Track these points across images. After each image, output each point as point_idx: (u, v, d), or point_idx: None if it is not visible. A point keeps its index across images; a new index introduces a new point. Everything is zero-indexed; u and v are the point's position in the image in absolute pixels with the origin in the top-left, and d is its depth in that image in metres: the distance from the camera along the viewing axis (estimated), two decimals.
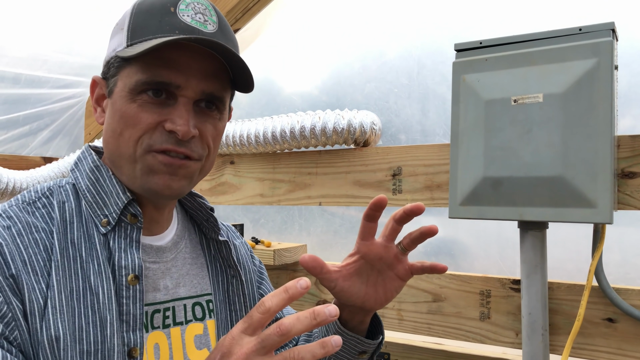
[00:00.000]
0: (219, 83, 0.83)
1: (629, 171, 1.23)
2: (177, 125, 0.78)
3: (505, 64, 1.25)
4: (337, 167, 1.64)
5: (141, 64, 0.78)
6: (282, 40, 2.04)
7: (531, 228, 1.26)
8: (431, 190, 1.48)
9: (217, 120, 0.85)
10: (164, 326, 0.86)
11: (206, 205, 0.98)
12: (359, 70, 1.84)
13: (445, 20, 1.69)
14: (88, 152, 0.88)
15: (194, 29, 0.79)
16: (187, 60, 0.79)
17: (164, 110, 0.79)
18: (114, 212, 0.81)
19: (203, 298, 0.93)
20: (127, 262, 0.79)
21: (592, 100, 1.14)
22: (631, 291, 1.25)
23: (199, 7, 0.81)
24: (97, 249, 0.79)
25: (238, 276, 0.98)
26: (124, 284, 0.79)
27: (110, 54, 0.83)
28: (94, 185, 0.84)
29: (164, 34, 0.78)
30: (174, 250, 0.91)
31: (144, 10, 0.81)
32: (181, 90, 0.79)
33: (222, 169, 1.88)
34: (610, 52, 1.14)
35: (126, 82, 0.80)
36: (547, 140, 1.18)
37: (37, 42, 1.94)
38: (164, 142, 0.79)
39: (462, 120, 1.30)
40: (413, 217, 0.84)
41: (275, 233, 2.03)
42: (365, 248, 0.88)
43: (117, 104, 0.81)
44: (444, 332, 1.48)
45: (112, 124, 0.82)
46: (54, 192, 0.83)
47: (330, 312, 0.65)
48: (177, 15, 0.79)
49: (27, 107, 1.99)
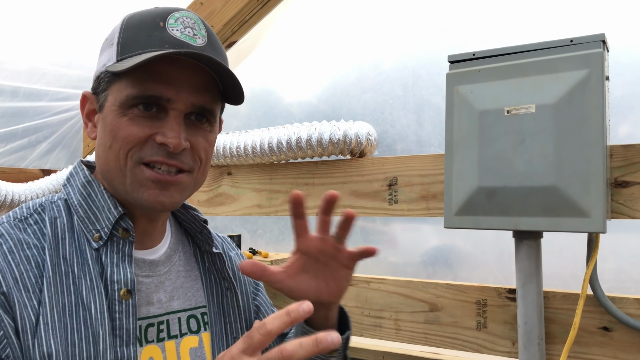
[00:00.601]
0: (209, 96, 0.83)
1: (622, 180, 1.24)
2: (169, 138, 0.79)
3: (498, 75, 1.27)
4: (333, 177, 1.65)
5: (131, 79, 0.78)
6: (279, 51, 2.06)
7: (526, 237, 1.27)
8: (427, 200, 1.49)
9: (208, 133, 0.85)
10: (158, 340, 0.86)
11: (199, 217, 0.98)
12: (355, 82, 1.86)
13: (440, 32, 1.70)
14: (80, 167, 0.88)
15: (183, 42, 0.80)
16: (177, 73, 0.79)
17: (154, 124, 0.79)
18: (105, 227, 0.82)
19: (198, 311, 0.93)
20: (119, 277, 0.79)
21: (584, 111, 1.16)
22: (626, 300, 1.26)
23: (188, 22, 0.82)
24: (89, 264, 0.79)
25: (232, 288, 0.98)
26: (117, 298, 0.79)
27: (100, 69, 0.84)
28: (85, 201, 0.84)
29: (153, 48, 0.78)
30: (168, 263, 0.91)
31: (133, 25, 0.81)
32: (172, 103, 0.79)
33: (219, 180, 1.89)
34: (600, 63, 1.16)
35: (117, 97, 0.80)
36: (540, 151, 1.19)
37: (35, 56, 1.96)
38: (154, 154, 0.79)
39: (456, 131, 1.31)
40: (332, 204, 0.82)
41: (273, 244, 2.03)
42: (302, 244, 0.86)
43: (108, 118, 0.81)
44: (441, 342, 1.48)
45: (103, 138, 0.82)
46: (45, 208, 0.83)
47: (333, 339, 0.63)
48: (166, 29, 0.80)
49: (26, 120, 2.00)
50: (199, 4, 1.99)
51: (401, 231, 1.82)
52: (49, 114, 2.04)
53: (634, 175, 1.23)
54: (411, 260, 1.76)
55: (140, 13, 0.83)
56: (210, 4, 1.97)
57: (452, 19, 1.68)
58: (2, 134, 1.95)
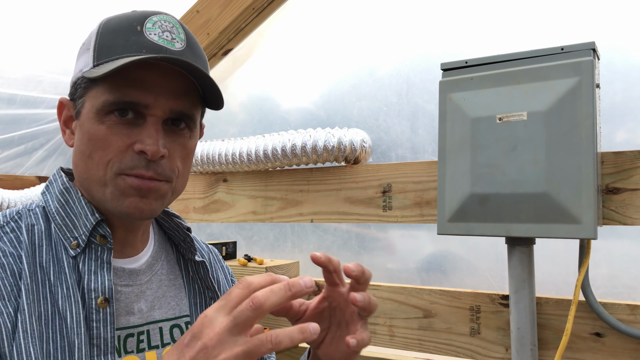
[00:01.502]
0: (188, 101, 0.81)
1: (613, 187, 1.25)
2: (147, 145, 0.77)
3: (490, 82, 1.28)
4: (328, 184, 1.66)
5: (108, 85, 0.77)
6: (275, 59, 2.07)
7: (518, 244, 1.28)
8: (420, 206, 1.49)
9: (187, 139, 0.84)
10: (138, 350, 0.84)
11: (183, 225, 0.96)
12: (350, 89, 1.87)
13: (434, 39, 1.72)
14: (59, 174, 0.87)
15: (161, 47, 0.78)
16: (155, 79, 0.78)
17: (133, 132, 0.78)
18: (82, 234, 0.80)
19: (182, 320, 0.92)
20: (96, 285, 0.78)
21: (575, 118, 1.17)
22: (618, 305, 1.26)
23: (166, 25, 0.80)
24: (65, 272, 0.78)
25: (216, 297, 0.97)
26: (94, 307, 0.77)
27: (77, 74, 0.82)
28: (63, 208, 0.82)
29: (130, 54, 0.77)
30: (149, 272, 0.90)
31: (110, 30, 0.80)
32: (150, 109, 0.78)
33: (215, 186, 1.90)
34: (591, 71, 1.17)
35: (93, 103, 0.78)
36: (532, 158, 1.20)
37: (32, 64, 1.97)
38: (134, 167, 0.78)
39: (449, 138, 1.32)
40: (329, 269, 0.79)
41: (268, 250, 2.04)
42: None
43: (85, 125, 0.79)
44: (434, 348, 1.49)
45: (81, 147, 0.80)
46: (22, 215, 0.82)
47: (305, 283, 0.62)
48: (144, 34, 0.78)
49: (22, 127, 2.01)
50: (195, 12, 2.01)
51: (397, 238, 1.83)
52: (45, 121, 2.05)
53: (625, 182, 1.24)
54: (406, 267, 1.77)
55: (117, 17, 0.81)
56: (206, 12, 1.99)
57: (445, 27, 1.70)
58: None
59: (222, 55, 2.11)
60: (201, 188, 1.93)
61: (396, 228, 1.82)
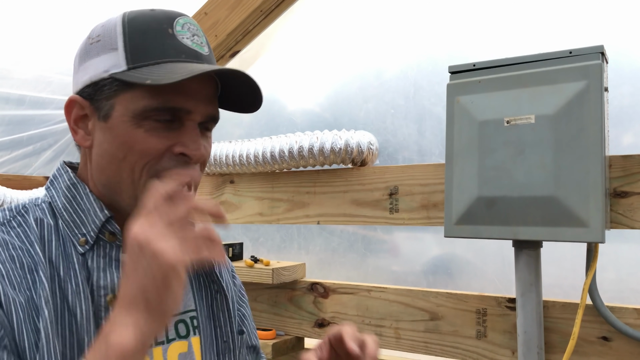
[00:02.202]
0: (216, 105, 0.84)
1: (621, 190, 1.25)
2: (191, 150, 0.78)
3: (498, 85, 1.28)
4: (335, 186, 1.66)
5: (149, 89, 0.76)
6: (282, 61, 2.08)
7: (525, 247, 1.27)
8: (427, 209, 1.49)
9: (210, 140, 0.87)
10: None
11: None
12: (357, 91, 1.88)
13: (441, 42, 1.72)
14: (64, 169, 0.85)
15: (196, 52, 0.80)
16: (196, 86, 0.79)
17: (171, 134, 0.78)
18: (91, 230, 0.80)
19: (187, 315, 0.91)
20: (105, 282, 0.78)
21: (583, 122, 1.17)
22: (625, 309, 1.26)
23: (193, 29, 0.81)
24: (75, 268, 0.77)
25: (222, 291, 0.97)
26: (103, 304, 0.77)
27: (101, 74, 0.79)
28: (70, 204, 0.82)
29: (170, 58, 0.77)
30: None
31: (139, 30, 0.78)
32: (190, 114, 0.79)
33: (221, 188, 1.91)
34: (599, 74, 1.17)
35: (129, 107, 0.77)
36: (540, 161, 1.20)
37: (41, 65, 1.98)
38: (172, 167, 0.78)
39: (456, 141, 1.32)
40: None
41: (275, 252, 2.04)
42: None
43: (120, 128, 0.78)
44: (441, 351, 1.48)
45: (111, 150, 0.79)
46: (29, 209, 0.80)
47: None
48: (176, 37, 0.79)
49: (31, 127, 2.02)
50: (203, 13, 2.02)
51: (403, 240, 1.83)
52: (53, 122, 2.06)
53: (633, 186, 1.23)
54: (412, 269, 1.77)
55: (141, 15, 0.80)
56: (214, 14, 2.00)
57: (453, 29, 1.70)
58: (8, 141, 1.97)
59: (229, 57, 2.11)
60: (208, 189, 1.93)
61: (402, 230, 1.82)
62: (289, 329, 1.75)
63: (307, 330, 1.72)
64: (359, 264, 1.85)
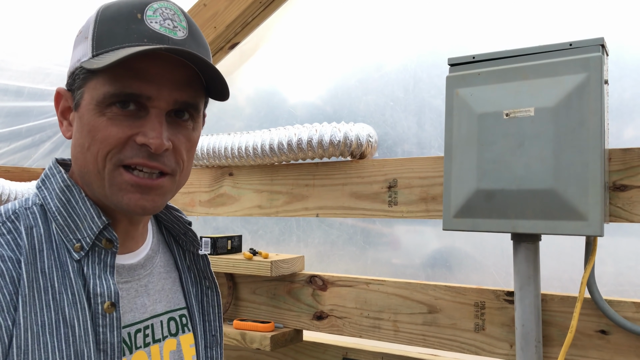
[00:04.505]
0: (192, 91, 0.78)
1: (620, 184, 1.24)
2: (150, 138, 0.74)
3: (498, 78, 1.27)
4: (334, 179, 1.66)
5: (109, 75, 0.74)
6: (282, 53, 2.07)
7: (524, 240, 1.27)
8: (426, 202, 1.49)
9: (191, 131, 0.81)
10: (145, 345, 0.83)
11: (183, 219, 0.95)
12: (356, 83, 1.87)
13: (441, 34, 1.71)
14: (57, 169, 0.82)
15: (163, 36, 0.75)
16: (157, 69, 0.75)
17: (134, 123, 0.75)
18: (87, 236, 0.77)
19: (176, 313, 0.91)
20: (102, 289, 0.75)
21: (583, 114, 1.16)
22: (624, 303, 1.26)
23: (167, 13, 0.77)
24: (70, 277, 0.75)
25: (213, 287, 0.97)
26: (100, 312, 0.75)
27: (75, 64, 0.78)
28: (65, 207, 0.79)
29: (131, 43, 0.74)
30: (149, 265, 0.88)
31: (108, 18, 0.76)
32: (152, 101, 0.75)
33: (221, 180, 1.90)
34: (599, 67, 1.16)
35: (93, 95, 0.75)
36: (539, 154, 1.20)
37: (39, 56, 1.97)
38: (134, 156, 0.75)
39: (455, 134, 1.31)
40: None
41: (273, 244, 2.04)
42: None
43: (85, 117, 0.76)
44: (439, 344, 1.49)
45: (80, 139, 0.77)
46: (19, 215, 0.77)
47: None
48: (144, 22, 0.75)
49: (30, 119, 2.02)
50: (202, 5, 2.00)
51: (403, 233, 1.83)
52: (52, 113, 2.06)
53: (633, 179, 1.23)
54: (412, 262, 1.77)
55: (116, 3, 0.78)
56: (213, 6, 1.98)
57: (453, 22, 1.69)
58: (7, 133, 1.97)
59: (228, 49, 2.10)
60: (207, 182, 1.93)
61: (402, 224, 1.81)
62: (288, 321, 1.76)
63: (305, 323, 1.72)
64: (358, 257, 1.84)
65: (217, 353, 0.97)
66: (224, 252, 1.81)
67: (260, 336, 1.67)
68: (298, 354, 1.79)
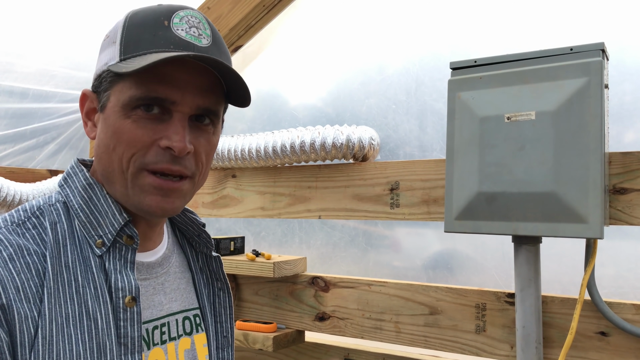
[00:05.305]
0: (214, 97, 0.82)
1: (620, 187, 1.25)
2: (174, 142, 0.77)
3: (499, 82, 1.28)
4: (336, 181, 1.67)
5: (135, 79, 0.77)
6: (284, 56, 2.08)
7: (525, 242, 1.28)
8: (428, 204, 1.50)
9: (211, 135, 0.84)
10: (161, 342, 0.86)
11: (198, 221, 0.97)
12: (359, 86, 1.88)
13: (443, 38, 1.72)
14: (79, 168, 0.85)
15: (188, 43, 0.78)
16: (182, 75, 0.78)
17: (158, 127, 0.78)
18: (109, 232, 0.80)
19: (191, 312, 0.93)
20: (123, 284, 0.78)
21: (583, 118, 1.17)
22: (623, 305, 1.27)
23: (193, 21, 0.80)
24: (93, 271, 0.78)
25: (225, 289, 0.99)
26: (121, 306, 0.77)
27: (102, 67, 0.81)
28: (87, 204, 0.81)
29: (158, 49, 0.77)
30: (166, 264, 0.91)
31: (136, 24, 0.79)
32: (176, 105, 0.78)
33: (224, 182, 1.92)
34: (600, 71, 1.18)
35: (119, 98, 0.78)
36: (540, 157, 1.21)
37: (44, 58, 1.99)
38: (158, 161, 0.78)
39: (457, 137, 1.33)
40: None
41: (276, 246, 2.06)
42: None
43: (111, 119, 0.79)
44: (440, 345, 1.50)
45: (105, 140, 0.80)
46: (44, 211, 0.80)
47: None
48: (171, 29, 0.78)
49: (35, 121, 2.03)
50: (206, 8, 2.02)
51: (404, 235, 1.84)
52: (57, 115, 2.07)
53: (632, 182, 1.24)
54: (413, 264, 1.78)
55: (143, 10, 0.81)
56: (217, 9, 2.00)
57: (455, 26, 1.71)
58: (12, 134, 1.99)
59: (232, 52, 2.12)
60: (210, 183, 1.94)
61: (403, 226, 1.83)
62: (290, 322, 1.77)
63: (307, 324, 1.74)
64: (360, 259, 1.86)
65: (228, 354, 0.99)
66: (226, 254, 1.83)
67: (262, 337, 1.68)
68: (300, 354, 1.80)
